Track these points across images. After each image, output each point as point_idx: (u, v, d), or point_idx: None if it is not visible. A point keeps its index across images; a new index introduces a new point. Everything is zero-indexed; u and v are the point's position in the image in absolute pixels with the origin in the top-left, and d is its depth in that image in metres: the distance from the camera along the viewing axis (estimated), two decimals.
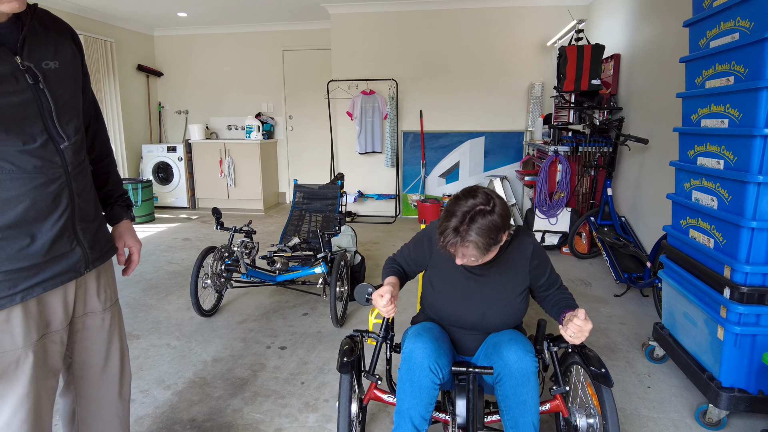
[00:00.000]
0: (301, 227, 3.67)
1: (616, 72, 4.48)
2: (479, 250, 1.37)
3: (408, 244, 1.76)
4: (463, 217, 1.36)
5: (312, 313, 3.18)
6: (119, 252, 1.45)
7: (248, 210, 6.79)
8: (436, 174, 6.12)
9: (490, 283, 1.59)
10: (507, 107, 5.89)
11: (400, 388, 1.48)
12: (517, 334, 1.55)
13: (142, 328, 2.98)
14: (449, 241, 1.38)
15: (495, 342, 1.54)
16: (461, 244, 1.36)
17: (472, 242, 1.35)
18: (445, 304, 1.62)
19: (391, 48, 5.96)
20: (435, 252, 1.65)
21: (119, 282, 3.80)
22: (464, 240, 1.36)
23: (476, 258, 1.41)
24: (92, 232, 1.28)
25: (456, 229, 1.36)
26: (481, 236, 1.35)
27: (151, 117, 7.22)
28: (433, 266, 1.67)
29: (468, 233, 1.35)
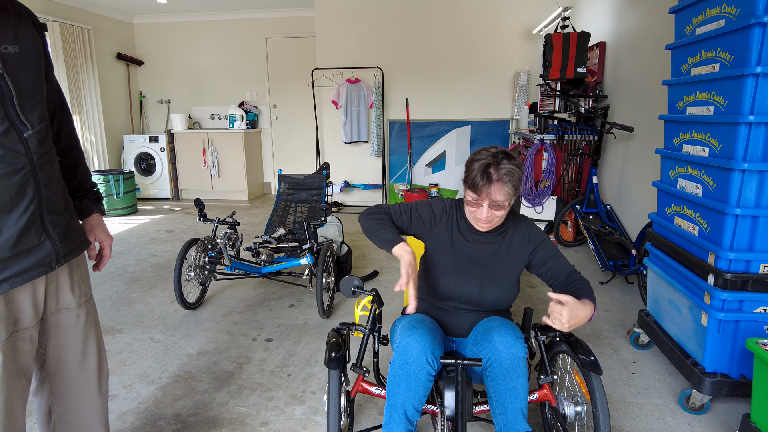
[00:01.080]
0: (287, 218, 3.63)
1: (602, 60, 4.48)
2: (507, 191, 1.45)
3: (407, 204, 1.70)
4: (494, 157, 1.47)
5: (298, 305, 3.15)
6: (90, 246, 1.40)
7: (233, 201, 6.70)
8: (422, 163, 6.10)
9: (489, 258, 1.63)
10: (493, 96, 5.87)
11: (393, 381, 1.46)
12: (507, 321, 1.55)
13: (125, 322, 2.93)
14: (480, 180, 1.45)
15: (485, 328, 1.53)
16: (493, 182, 1.44)
17: (502, 181, 1.44)
18: (444, 279, 1.63)
19: (376, 36, 5.89)
20: (439, 225, 1.67)
21: (101, 275, 3.73)
22: (497, 176, 1.44)
23: (501, 201, 1.46)
24: (62, 225, 1.23)
25: (487, 166, 1.45)
26: (509, 177, 1.44)
27: (132, 107, 7.06)
28: (434, 240, 1.67)
29: (499, 171, 1.44)
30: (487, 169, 1.45)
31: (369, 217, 1.65)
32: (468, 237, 1.64)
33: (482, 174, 1.45)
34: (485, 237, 1.63)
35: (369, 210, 1.68)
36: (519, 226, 1.65)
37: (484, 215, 1.50)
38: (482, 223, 1.54)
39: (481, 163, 1.47)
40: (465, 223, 1.64)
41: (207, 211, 6.00)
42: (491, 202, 1.47)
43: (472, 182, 1.47)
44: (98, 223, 1.43)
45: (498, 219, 1.54)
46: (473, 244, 1.64)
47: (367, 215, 1.65)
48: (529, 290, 3.39)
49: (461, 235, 1.65)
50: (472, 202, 1.51)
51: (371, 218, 1.64)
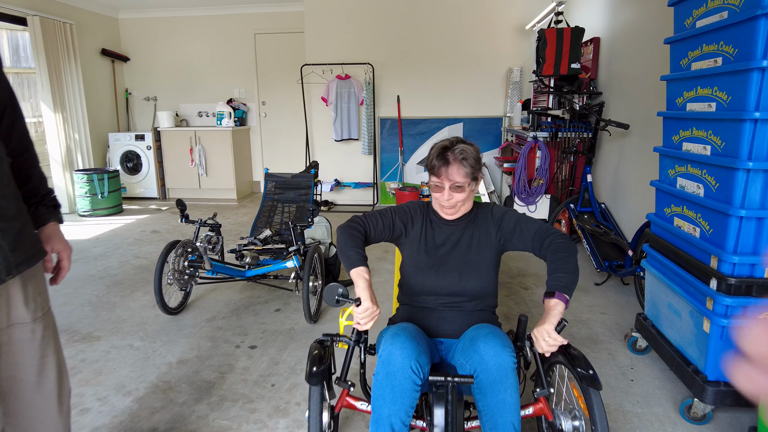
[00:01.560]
0: (273, 219, 3.51)
1: (596, 56, 4.39)
2: (465, 171, 1.54)
3: (385, 210, 1.71)
4: (450, 141, 1.59)
5: (285, 309, 3.04)
6: (47, 258, 1.28)
7: (221, 200, 6.57)
8: (414, 161, 6.00)
9: (462, 246, 1.66)
10: (485, 92, 5.78)
11: (377, 394, 1.37)
12: (494, 329, 1.48)
13: (104, 329, 2.80)
14: (437, 162, 1.55)
15: (472, 336, 1.46)
16: (450, 163, 1.53)
17: (459, 161, 1.53)
18: (423, 276, 1.64)
19: (366, 31, 5.78)
20: (415, 226, 1.71)
21: (81, 279, 3.60)
22: (453, 157, 1.54)
23: (461, 182, 1.54)
24: (14, 233, 1.11)
25: (444, 148, 1.56)
26: (466, 156, 1.54)
27: (117, 104, 6.90)
28: (411, 240, 1.70)
29: (454, 152, 1.54)
30: (444, 152, 1.55)
31: (344, 230, 1.60)
32: (439, 228, 1.69)
33: (439, 156, 1.55)
34: (455, 226, 1.67)
35: (347, 222, 1.64)
36: (482, 209, 1.71)
37: (445, 197, 1.56)
38: (447, 209, 1.61)
39: (437, 147, 1.59)
40: (435, 217, 1.69)
41: (192, 211, 5.87)
42: (451, 184, 1.54)
43: (430, 165, 1.57)
44: (55, 232, 1.32)
45: (461, 203, 1.60)
46: (444, 234, 1.68)
47: (343, 229, 1.61)
48: (522, 292, 3.30)
49: (432, 228, 1.69)
50: (435, 186, 1.59)
51: (345, 232, 1.60)
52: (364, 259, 1.50)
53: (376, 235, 1.65)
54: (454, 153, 1.54)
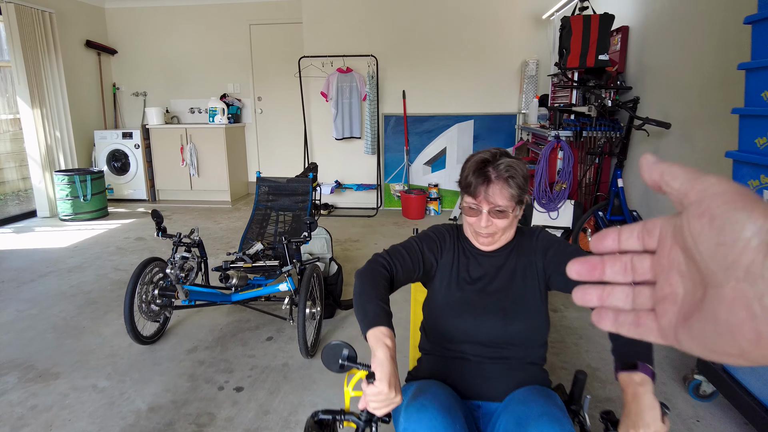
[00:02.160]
0: (266, 229, 3.10)
1: (624, 47, 3.97)
2: (510, 192, 1.20)
3: (408, 242, 1.35)
4: (491, 153, 1.23)
5: (278, 337, 2.63)
6: None
7: (214, 202, 6.15)
8: (420, 161, 5.58)
9: (504, 280, 1.32)
10: (498, 87, 5.35)
11: None
12: (551, 405, 1.11)
13: (66, 362, 2.40)
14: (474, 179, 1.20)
15: (519, 417, 1.11)
16: (492, 181, 1.19)
17: (503, 179, 1.19)
18: (456, 318, 1.28)
19: (370, 21, 5.35)
20: (444, 255, 1.36)
21: (51, 296, 3.19)
22: (495, 175, 1.19)
23: (503, 206, 1.20)
24: None
25: (484, 162, 1.21)
26: (513, 174, 1.20)
27: (104, 100, 6.48)
28: (441, 272, 1.34)
29: (498, 167, 1.20)
30: (484, 166, 1.21)
31: (363, 276, 1.21)
32: (474, 259, 1.34)
33: (478, 172, 1.21)
34: (494, 258, 1.33)
35: (368, 264, 1.25)
36: (526, 235, 1.36)
37: (483, 223, 1.22)
38: (483, 237, 1.27)
39: (475, 159, 1.24)
40: (468, 245, 1.35)
41: (183, 215, 5.47)
42: (491, 207, 1.21)
43: (466, 182, 1.23)
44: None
45: (500, 231, 1.26)
46: (482, 266, 1.33)
47: (363, 274, 1.21)
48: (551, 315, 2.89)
49: (467, 258, 1.35)
50: (470, 208, 1.25)
51: (365, 278, 1.20)
52: (388, 316, 1.10)
53: (404, 276, 1.27)
54: (497, 169, 1.19)
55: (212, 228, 4.92)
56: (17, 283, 3.45)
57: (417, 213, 5.24)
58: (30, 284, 3.43)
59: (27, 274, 3.62)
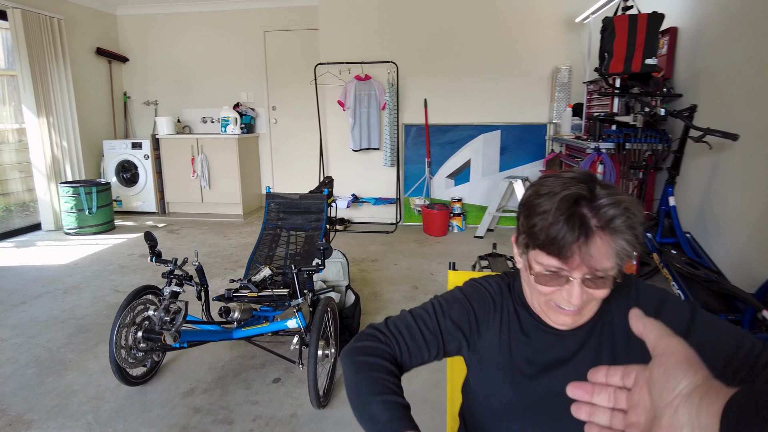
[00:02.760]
0: (275, 251, 2.78)
1: (672, 50, 3.59)
2: (623, 247, 0.73)
3: (426, 311, 0.93)
4: (586, 186, 0.75)
5: (286, 379, 2.29)
6: None
7: (225, 215, 5.88)
8: (443, 174, 5.24)
9: (583, 369, 0.78)
10: (527, 95, 4.99)
11: None
12: None
13: (42, 406, 2.09)
14: (564, 230, 0.72)
15: None
16: (593, 233, 0.73)
17: (613, 230, 0.72)
18: (511, 423, 0.89)
19: (389, 25, 5.05)
20: (486, 332, 0.91)
21: (40, 322, 2.90)
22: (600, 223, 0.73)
23: (607, 269, 0.74)
24: None
25: (575, 200, 0.73)
26: (632, 224, 0.73)
27: (114, 109, 6.28)
28: (483, 357, 0.91)
29: (601, 212, 0.73)
30: (578, 207, 0.74)
31: (353, 360, 0.84)
32: (538, 337, 0.88)
33: (571, 219, 0.73)
34: (572, 336, 0.87)
35: (357, 341, 0.88)
36: (618, 295, 0.86)
37: (575, 298, 0.76)
38: (565, 314, 0.81)
39: (563, 197, 0.74)
40: (529, 317, 0.90)
41: (192, 230, 5.19)
42: (589, 273, 0.75)
43: (548, 238, 0.74)
44: None
45: (595, 303, 0.81)
46: (552, 353, 0.88)
47: (351, 356, 0.85)
48: None
49: (527, 337, 0.89)
50: (548, 276, 0.78)
51: (355, 363, 0.83)
52: (406, 410, 0.75)
53: (412, 359, 0.89)
54: (601, 212, 0.73)
55: (222, 244, 4.63)
56: (6, 306, 3.18)
57: (439, 229, 4.88)
58: (20, 308, 3.15)
59: (18, 295, 3.35)
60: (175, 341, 1.77)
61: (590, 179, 0.77)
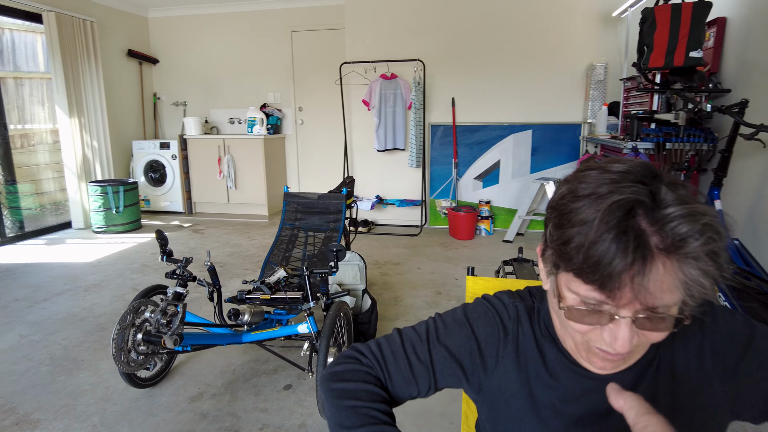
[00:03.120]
0: (291, 252, 2.69)
1: (719, 42, 3.34)
2: (693, 273, 0.51)
3: (418, 336, 0.75)
4: (641, 186, 0.53)
5: (297, 386, 2.19)
6: None
7: (250, 216, 5.87)
8: (470, 176, 5.06)
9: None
10: (560, 94, 4.78)
11: None
12: None
13: (51, 406, 2.04)
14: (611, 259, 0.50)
15: None
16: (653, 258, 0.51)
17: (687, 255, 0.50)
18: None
19: (416, 23, 4.93)
20: (493, 369, 0.72)
21: (59, 320, 2.90)
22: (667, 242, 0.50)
23: (672, 303, 0.53)
24: None
25: (632, 208, 0.52)
26: (715, 250, 0.50)
27: (144, 109, 6.36)
28: (493, 400, 0.72)
29: (670, 221, 0.50)
30: (634, 218, 0.52)
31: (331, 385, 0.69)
32: (572, 385, 0.68)
33: (623, 237, 0.51)
34: (615, 377, 0.65)
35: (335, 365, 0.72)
36: (688, 328, 0.65)
37: (620, 344, 0.55)
38: (605, 358, 0.60)
39: (611, 204, 0.52)
40: (557, 352, 0.70)
41: (218, 229, 5.18)
42: (643, 311, 0.54)
43: (587, 262, 0.52)
44: None
45: (643, 348, 0.61)
46: (589, 401, 0.67)
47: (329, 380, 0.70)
48: None
49: (552, 377, 0.70)
50: (585, 311, 0.57)
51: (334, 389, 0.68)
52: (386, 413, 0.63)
53: (397, 391, 0.73)
54: (665, 231, 0.51)
55: (244, 245, 4.59)
56: (29, 302, 3.19)
57: (466, 233, 4.71)
58: (42, 304, 3.16)
59: (42, 292, 3.37)
60: (176, 345, 1.69)
61: (651, 174, 0.55)
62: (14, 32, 5.12)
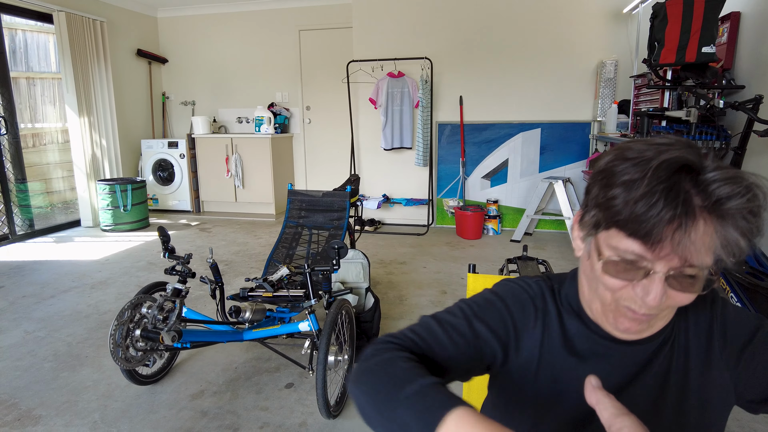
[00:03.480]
0: (295, 250, 2.67)
1: (733, 37, 3.27)
2: (734, 234, 0.53)
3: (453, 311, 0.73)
4: (690, 148, 0.57)
5: (299, 385, 2.16)
6: None
7: (258, 215, 5.87)
8: (478, 175, 5.02)
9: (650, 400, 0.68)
10: (569, 91, 4.72)
11: None
12: None
13: (53, 402, 2.04)
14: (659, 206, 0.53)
15: None
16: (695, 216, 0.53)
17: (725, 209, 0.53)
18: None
19: (424, 20, 4.89)
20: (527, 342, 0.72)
21: (65, 316, 2.91)
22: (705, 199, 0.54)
23: (704, 264, 0.55)
24: None
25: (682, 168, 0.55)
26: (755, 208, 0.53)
27: (153, 109, 6.40)
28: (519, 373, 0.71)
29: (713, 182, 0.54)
30: (681, 178, 0.54)
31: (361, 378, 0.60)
32: (594, 358, 0.69)
33: (670, 191, 0.53)
34: (634, 350, 0.68)
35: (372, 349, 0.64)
36: (700, 311, 0.70)
37: (652, 298, 0.57)
38: (632, 318, 0.62)
39: (660, 162, 0.55)
40: (579, 325, 0.71)
41: (226, 228, 5.18)
42: (677, 268, 0.56)
43: (633, 213, 0.55)
44: None
45: (670, 312, 0.64)
46: (610, 371, 0.68)
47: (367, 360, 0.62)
48: None
49: (578, 357, 0.70)
50: (621, 265, 0.59)
51: (375, 361, 0.61)
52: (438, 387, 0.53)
53: (450, 360, 0.66)
54: (708, 192, 0.54)
55: (250, 243, 4.59)
56: (36, 299, 3.21)
57: (473, 232, 4.67)
58: (48, 301, 3.17)
59: (49, 289, 3.38)
60: (174, 341, 1.67)
61: (695, 147, 0.57)
62: (26, 33, 5.18)
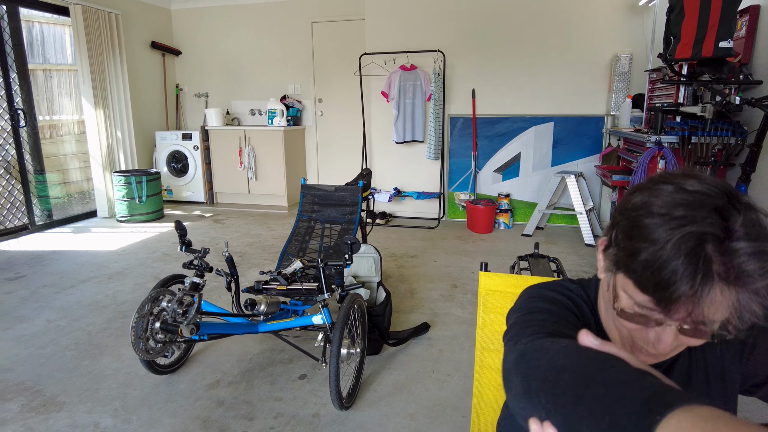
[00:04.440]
0: (308, 244, 2.71)
1: (751, 32, 3.22)
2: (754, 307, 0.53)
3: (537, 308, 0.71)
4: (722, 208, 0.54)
5: (312, 376, 2.21)
6: None
7: (270, 207, 5.93)
8: (490, 168, 5.02)
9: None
10: (583, 85, 4.68)
11: None
12: None
13: (75, 390, 2.12)
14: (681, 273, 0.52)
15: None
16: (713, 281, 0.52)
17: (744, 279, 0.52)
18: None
19: (437, 13, 4.87)
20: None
21: (84, 306, 2.98)
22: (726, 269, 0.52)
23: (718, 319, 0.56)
24: None
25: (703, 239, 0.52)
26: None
27: (167, 101, 6.46)
28: None
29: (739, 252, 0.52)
30: (704, 247, 0.52)
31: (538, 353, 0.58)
32: None
33: (691, 263, 0.52)
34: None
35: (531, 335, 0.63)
36: None
37: (662, 347, 0.60)
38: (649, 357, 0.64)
39: (684, 235, 0.53)
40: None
41: (239, 220, 5.25)
42: (690, 323, 0.56)
43: (652, 279, 0.55)
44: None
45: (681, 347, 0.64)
46: None
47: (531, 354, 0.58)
48: None
49: None
50: (639, 314, 0.59)
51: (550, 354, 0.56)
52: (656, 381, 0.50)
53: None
54: (733, 264, 0.51)
55: (263, 235, 4.65)
56: (56, 288, 3.30)
57: (484, 226, 4.68)
58: (68, 290, 3.26)
59: (68, 279, 3.47)
60: (192, 334, 1.73)
61: (728, 200, 0.54)
62: (43, 25, 5.24)
